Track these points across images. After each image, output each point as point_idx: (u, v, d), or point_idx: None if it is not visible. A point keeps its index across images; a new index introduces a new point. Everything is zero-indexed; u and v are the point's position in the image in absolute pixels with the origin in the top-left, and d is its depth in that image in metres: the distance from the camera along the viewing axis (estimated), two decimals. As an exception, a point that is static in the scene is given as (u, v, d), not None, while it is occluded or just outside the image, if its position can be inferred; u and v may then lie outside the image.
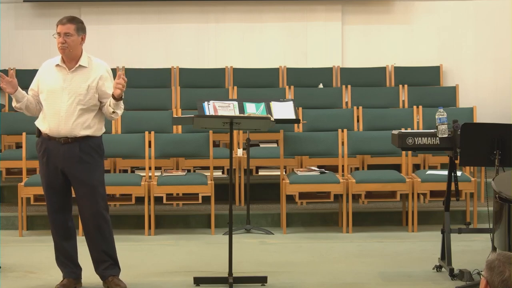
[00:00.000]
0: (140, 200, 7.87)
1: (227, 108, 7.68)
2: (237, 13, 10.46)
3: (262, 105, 7.84)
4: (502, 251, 4.66)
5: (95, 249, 5.77)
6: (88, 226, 5.74)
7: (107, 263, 5.80)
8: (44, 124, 5.67)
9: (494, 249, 5.60)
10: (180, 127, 8.73)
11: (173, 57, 10.39)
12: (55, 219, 5.76)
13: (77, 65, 5.64)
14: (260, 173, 9.00)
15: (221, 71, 10.26)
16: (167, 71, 10.25)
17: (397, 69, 10.30)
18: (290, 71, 10.27)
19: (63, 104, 5.61)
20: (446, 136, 6.13)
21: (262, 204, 8.47)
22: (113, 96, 5.56)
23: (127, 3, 10.39)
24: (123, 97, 5.58)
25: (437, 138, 6.15)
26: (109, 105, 5.60)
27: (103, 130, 5.78)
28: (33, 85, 5.74)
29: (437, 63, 10.35)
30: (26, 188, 7.69)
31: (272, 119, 6.10)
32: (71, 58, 5.65)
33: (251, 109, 7.77)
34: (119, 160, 8.48)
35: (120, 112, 5.65)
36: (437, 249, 6.49)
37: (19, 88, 5.64)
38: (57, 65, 5.68)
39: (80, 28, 5.67)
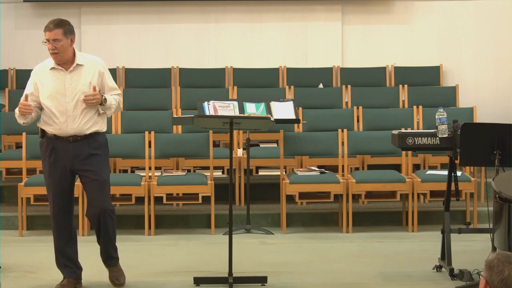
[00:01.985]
0: (140, 200, 7.87)
1: (227, 108, 7.67)
2: (237, 13, 10.46)
3: (262, 105, 7.84)
4: (501, 251, 4.66)
5: (101, 243, 5.81)
6: (97, 221, 5.73)
7: (105, 257, 5.87)
8: (51, 126, 5.66)
9: (494, 249, 5.59)
10: (180, 127, 8.73)
11: (173, 57, 10.39)
12: (59, 220, 5.75)
13: (75, 65, 5.66)
14: (260, 173, 8.99)
15: (221, 71, 10.26)
16: (167, 71, 10.25)
17: (397, 69, 10.29)
18: (290, 71, 10.26)
19: (68, 104, 5.63)
20: (446, 136, 6.13)
21: (262, 204, 8.46)
22: None
23: (127, 3, 10.39)
24: (105, 103, 5.64)
25: (437, 138, 6.14)
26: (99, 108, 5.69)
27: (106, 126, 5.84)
28: (30, 89, 5.70)
29: (437, 63, 10.35)
30: (26, 188, 7.69)
31: (272, 119, 6.09)
32: (65, 60, 5.66)
33: (251, 109, 7.77)
34: (119, 160, 8.48)
35: (110, 112, 5.75)
36: (437, 249, 6.49)
37: None
38: (52, 68, 5.68)
39: (68, 30, 5.66)
